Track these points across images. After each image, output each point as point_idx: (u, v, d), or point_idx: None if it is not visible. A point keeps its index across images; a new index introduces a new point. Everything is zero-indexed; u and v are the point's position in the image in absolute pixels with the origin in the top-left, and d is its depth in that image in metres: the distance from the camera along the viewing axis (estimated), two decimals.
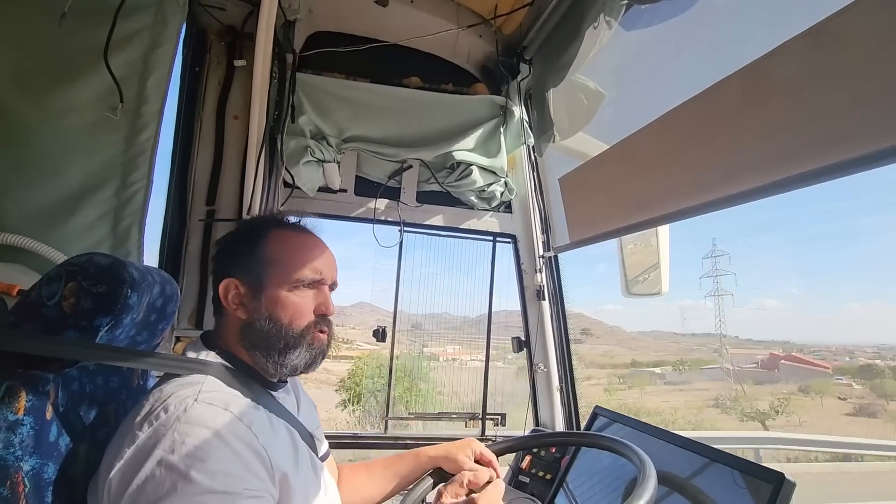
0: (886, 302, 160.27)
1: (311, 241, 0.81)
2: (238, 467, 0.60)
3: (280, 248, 0.77)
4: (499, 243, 1.74)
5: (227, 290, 0.75)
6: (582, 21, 1.28)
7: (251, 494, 0.59)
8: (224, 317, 0.77)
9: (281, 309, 0.74)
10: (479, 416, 1.68)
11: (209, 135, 1.41)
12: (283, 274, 0.75)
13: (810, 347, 40.96)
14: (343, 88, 1.55)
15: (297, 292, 0.75)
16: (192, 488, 0.55)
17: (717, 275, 48.72)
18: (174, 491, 0.54)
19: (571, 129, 1.56)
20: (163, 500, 0.54)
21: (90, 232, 1.06)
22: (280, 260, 0.76)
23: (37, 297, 0.62)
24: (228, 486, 0.57)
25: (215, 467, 0.57)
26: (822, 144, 0.72)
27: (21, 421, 0.56)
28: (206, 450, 0.58)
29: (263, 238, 0.77)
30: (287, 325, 0.74)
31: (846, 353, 50.60)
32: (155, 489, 0.55)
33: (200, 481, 0.55)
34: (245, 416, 0.64)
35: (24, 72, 0.99)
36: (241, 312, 0.75)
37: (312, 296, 0.77)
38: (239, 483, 0.59)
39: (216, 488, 0.56)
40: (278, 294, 0.74)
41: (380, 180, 1.64)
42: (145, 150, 1.11)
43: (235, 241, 0.79)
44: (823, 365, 34.72)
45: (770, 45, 0.80)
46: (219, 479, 0.57)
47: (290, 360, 0.74)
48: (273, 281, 0.75)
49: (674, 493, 0.94)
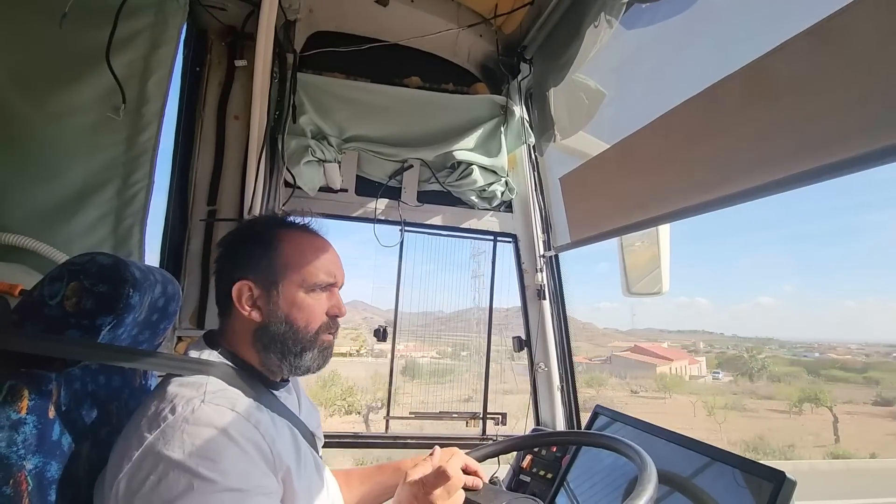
0: (882, 299, 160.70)
1: (323, 243, 0.81)
2: (248, 466, 0.61)
3: (295, 250, 0.77)
4: (499, 243, 1.74)
5: (241, 292, 0.74)
6: (582, 20, 1.28)
7: (262, 492, 0.61)
8: (232, 318, 0.77)
9: (298, 311, 0.75)
10: (479, 416, 1.68)
11: (210, 135, 1.41)
12: (299, 276, 0.75)
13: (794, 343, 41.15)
14: (344, 88, 1.55)
15: (312, 295, 0.76)
16: (208, 486, 0.56)
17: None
18: (190, 490, 0.55)
19: (572, 129, 1.56)
20: (178, 499, 0.55)
21: (92, 232, 1.06)
22: (296, 263, 0.76)
23: (39, 297, 0.63)
24: (241, 484, 0.58)
25: (227, 466, 0.58)
26: (823, 143, 0.72)
27: (24, 420, 0.57)
28: (217, 450, 0.58)
29: (277, 240, 0.77)
30: (304, 328, 0.75)
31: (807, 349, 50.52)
32: (168, 490, 0.55)
33: (216, 479, 0.56)
34: (251, 416, 0.65)
35: (26, 72, 0.99)
36: (255, 315, 0.74)
37: (326, 298, 0.78)
38: (250, 481, 0.60)
39: (231, 486, 0.57)
40: (295, 296, 0.75)
41: (380, 180, 1.64)
42: (146, 150, 1.11)
43: (246, 243, 0.79)
44: (667, 358, 34.24)
45: (771, 44, 0.80)
46: (232, 477, 0.58)
47: (305, 362, 0.75)
48: (289, 284, 0.75)
49: (675, 493, 0.95)
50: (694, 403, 26.00)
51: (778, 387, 28.96)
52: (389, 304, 1.67)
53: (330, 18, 1.61)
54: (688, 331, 40.50)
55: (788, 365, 38.49)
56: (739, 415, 25.76)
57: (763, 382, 31.94)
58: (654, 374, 32.08)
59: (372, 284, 2.88)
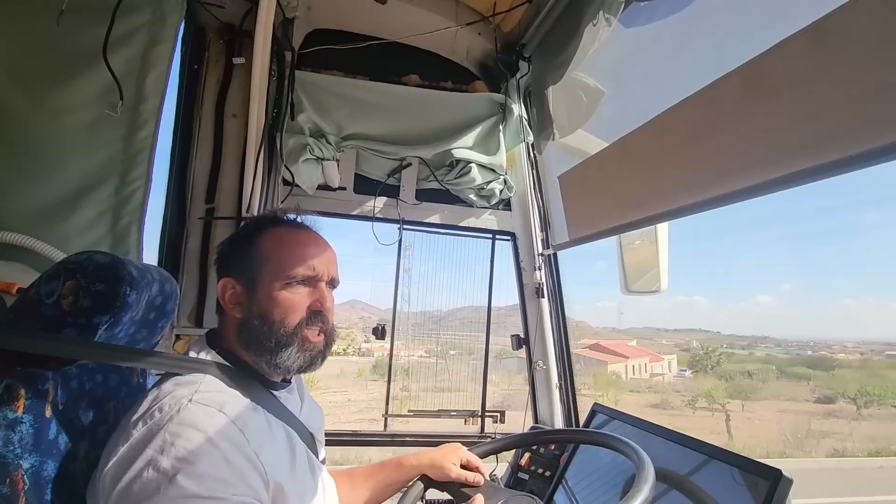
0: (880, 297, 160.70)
1: (307, 236, 0.80)
2: (227, 472, 0.59)
3: (274, 245, 0.76)
4: (498, 241, 1.75)
5: (225, 289, 0.75)
6: (581, 18, 1.28)
7: (238, 501, 0.58)
8: (224, 316, 0.77)
9: (273, 306, 0.73)
10: (478, 414, 1.68)
11: (208, 133, 1.41)
12: (275, 271, 0.74)
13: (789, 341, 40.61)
14: (342, 86, 1.55)
15: (289, 289, 0.74)
16: (175, 491, 0.54)
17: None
18: (157, 493, 0.54)
19: (571, 127, 1.56)
20: (146, 500, 0.54)
21: (89, 230, 1.06)
22: (274, 257, 0.75)
23: (36, 296, 0.62)
24: (215, 492, 0.56)
25: (203, 471, 0.56)
26: (822, 141, 0.72)
27: (20, 419, 0.57)
28: (196, 452, 0.57)
29: (259, 237, 0.77)
30: (278, 323, 0.72)
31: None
32: (141, 489, 0.55)
33: (185, 485, 0.55)
34: (239, 420, 0.63)
35: (23, 70, 0.99)
36: (237, 311, 0.75)
37: (307, 293, 0.75)
38: (226, 489, 0.58)
39: (201, 493, 0.55)
40: (271, 291, 0.73)
41: (379, 178, 1.64)
42: (144, 147, 1.11)
43: (233, 243, 0.80)
44: (623, 356, 34.09)
45: (769, 43, 0.80)
46: (205, 483, 0.56)
47: (283, 359, 0.72)
48: (266, 278, 0.74)
49: (672, 490, 0.95)
50: (617, 401, 25.55)
51: (718, 383, 28.36)
52: (387, 304, 1.67)
53: (328, 16, 1.61)
54: (685, 329, 40.48)
55: (761, 363, 37.96)
56: (659, 412, 25.26)
57: (712, 379, 31.37)
58: (605, 371, 32.08)
59: (370, 283, 2.88)
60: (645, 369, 35.44)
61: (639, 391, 29.59)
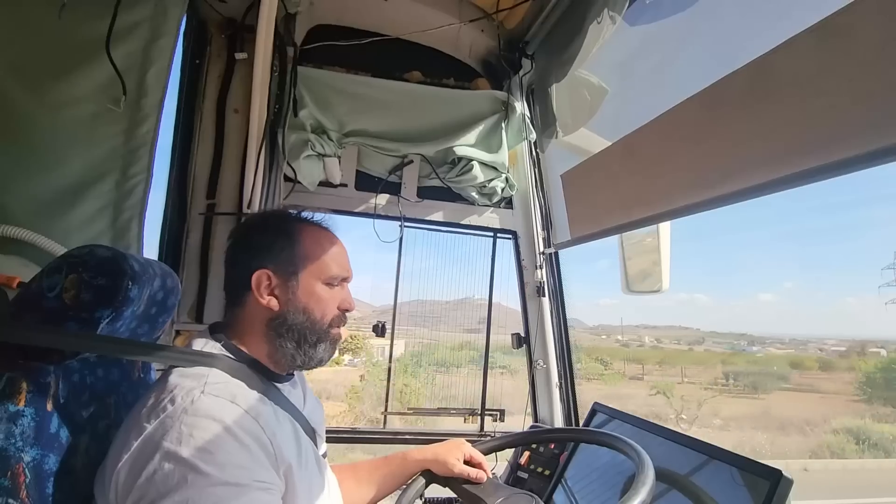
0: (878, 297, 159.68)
1: (336, 239, 0.84)
2: (247, 459, 0.60)
3: (314, 243, 0.79)
4: (499, 239, 1.74)
5: (260, 280, 0.75)
6: (585, 16, 1.27)
7: (261, 487, 0.60)
8: (245, 308, 0.77)
9: (315, 302, 0.77)
10: (477, 412, 1.68)
11: (209, 128, 1.41)
12: (317, 269, 0.78)
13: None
14: (344, 82, 1.55)
15: (328, 288, 0.79)
16: (203, 480, 0.55)
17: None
18: (184, 483, 0.54)
19: (574, 125, 1.56)
20: (173, 492, 0.54)
21: (90, 224, 1.06)
22: (315, 255, 0.78)
23: (38, 289, 0.62)
24: (239, 478, 0.58)
25: (224, 459, 0.57)
26: (828, 141, 0.71)
27: (22, 412, 0.57)
28: (215, 442, 0.58)
29: (298, 234, 0.79)
30: (319, 319, 0.77)
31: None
32: (164, 481, 0.55)
33: (211, 473, 0.56)
34: (252, 409, 0.65)
35: (24, 63, 0.98)
36: (273, 303, 0.76)
37: (338, 292, 0.81)
38: (249, 475, 0.59)
39: (227, 480, 0.56)
40: (313, 288, 0.77)
41: (380, 175, 1.64)
42: (145, 142, 1.11)
43: (266, 233, 0.80)
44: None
45: (775, 41, 0.80)
46: (228, 470, 0.57)
47: (318, 353, 0.77)
48: (307, 275, 0.77)
49: (672, 490, 0.95)
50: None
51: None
52: (382, 301, 1.67)
53: (331, 11, 1.60)
54: (677, 326, 40.22)
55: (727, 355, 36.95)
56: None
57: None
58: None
59: (371, 281, 2.87)
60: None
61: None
